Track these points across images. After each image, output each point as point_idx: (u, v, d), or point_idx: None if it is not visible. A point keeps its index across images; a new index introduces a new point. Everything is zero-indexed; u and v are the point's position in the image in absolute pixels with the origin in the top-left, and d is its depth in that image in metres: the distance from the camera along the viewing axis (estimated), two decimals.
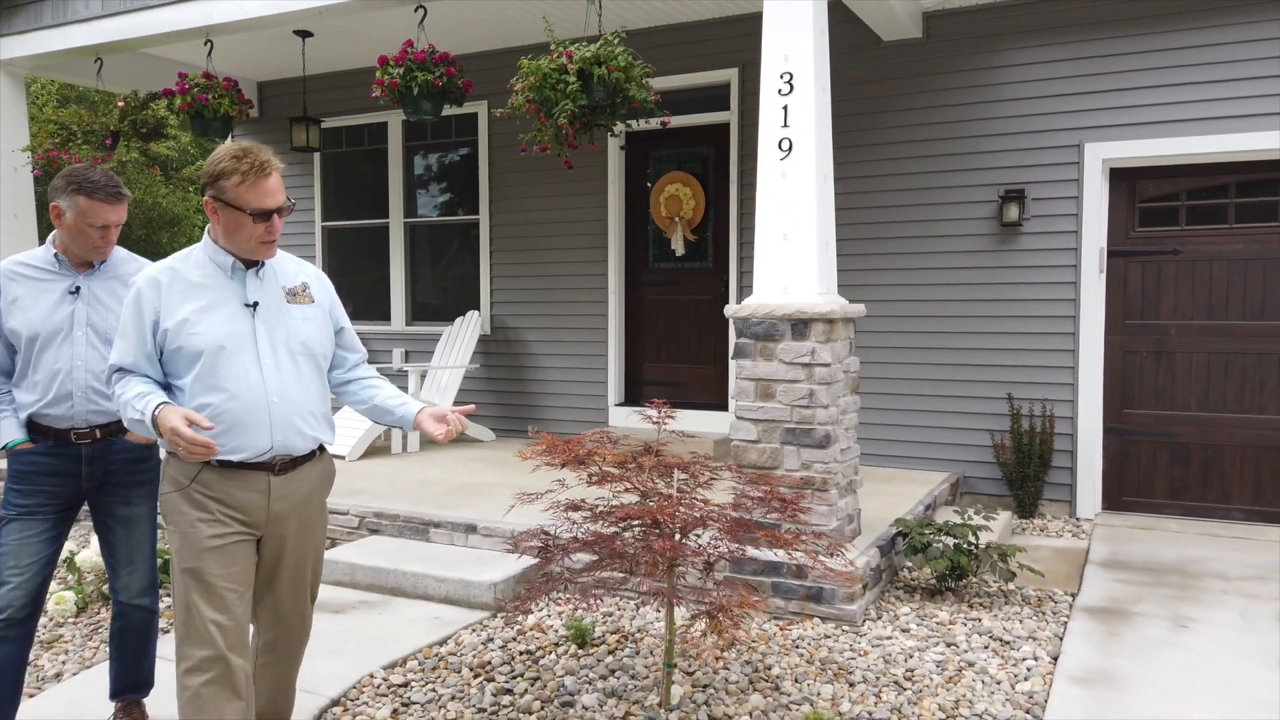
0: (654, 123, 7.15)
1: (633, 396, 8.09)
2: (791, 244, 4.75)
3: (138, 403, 2.55)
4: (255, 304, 2.68)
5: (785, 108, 4.75)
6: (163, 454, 2.74)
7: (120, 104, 6.96)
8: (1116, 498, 6.56)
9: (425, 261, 8.93)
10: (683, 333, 7.86)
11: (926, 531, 4.87)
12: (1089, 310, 6.40)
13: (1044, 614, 4.70)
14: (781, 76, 4.76)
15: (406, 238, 8.93)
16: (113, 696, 3.45)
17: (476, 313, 8.25)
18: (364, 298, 9.13)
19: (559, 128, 5.25)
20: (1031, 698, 3.75)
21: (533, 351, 8.32)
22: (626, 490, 3.65)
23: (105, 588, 4.88)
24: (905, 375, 6.88)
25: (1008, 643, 4.32)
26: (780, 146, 4.77)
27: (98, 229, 3.09)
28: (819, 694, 3.74)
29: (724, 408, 7.58)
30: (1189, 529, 6.21)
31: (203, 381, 2.59)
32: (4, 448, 3.11)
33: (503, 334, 8.43)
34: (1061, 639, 4.37)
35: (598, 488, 3.79)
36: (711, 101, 7.55)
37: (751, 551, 4.64)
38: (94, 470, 3.19)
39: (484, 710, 3.62)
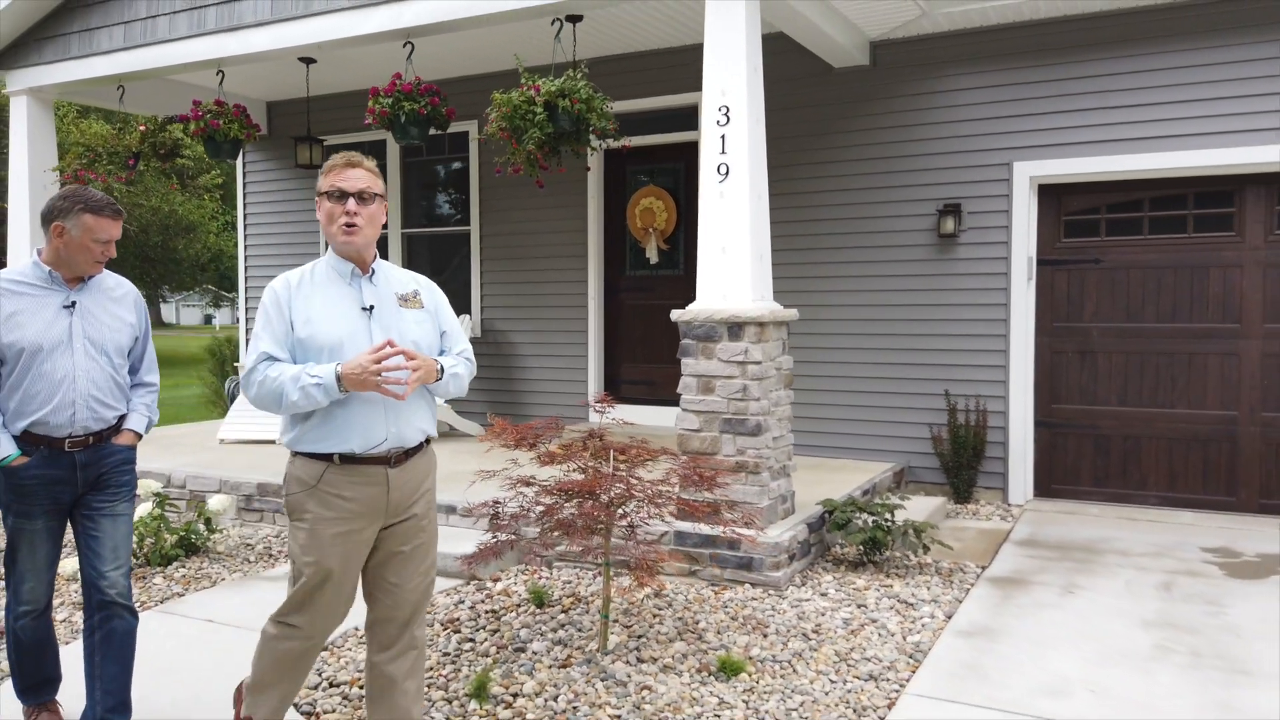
0: (638, 137, 7.84)
1: (612, 394, 8.72)
2: (729, 256, 5.39)
3: (311, 371, 2.80)
4: (371, 307, 2.99)
5: (723, 137, 5.40)
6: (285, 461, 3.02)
7: (141, 128, 7.65)
8: (1047, 485, 7.17)
9: (422, 269, 9.59)
10: (657, 335, 8.50)
11: (848, 510, 5.50)
12: (1019, 314, 7.01)
13: (952, 583, 5.32)
14: (719, 109, 5.41)
15: (404, 247, 9.61)
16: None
17: (467, 316, 8.92)
18: None
19: (529, 152, 5.91)
20: (918, 646, 4.38)
21: (520, 353, 8.98)
22: (574, 470, 4.31)
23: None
24: (854, 374, 7.51)
25: (911, 605, 4.95)
26: (719, 171, 5.41)
27: (101, 244, 3.27)
28: (735, 642, 4.38)
29: None
30: (1108, 513, 6.82)
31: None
32: (3, 462, 3.20)
33: (492, 336, 9.10)
34: (961, 602, 4.99)
35: (549, 467, 4.45)
36: (682, 121, 8.20)
37: (685, 526, 5.28)
38: (88, 475, 3.32)
39: (449, 654, 4.27)
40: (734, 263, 5.38)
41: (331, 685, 3.97)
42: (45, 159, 8.28)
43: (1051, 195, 7.04)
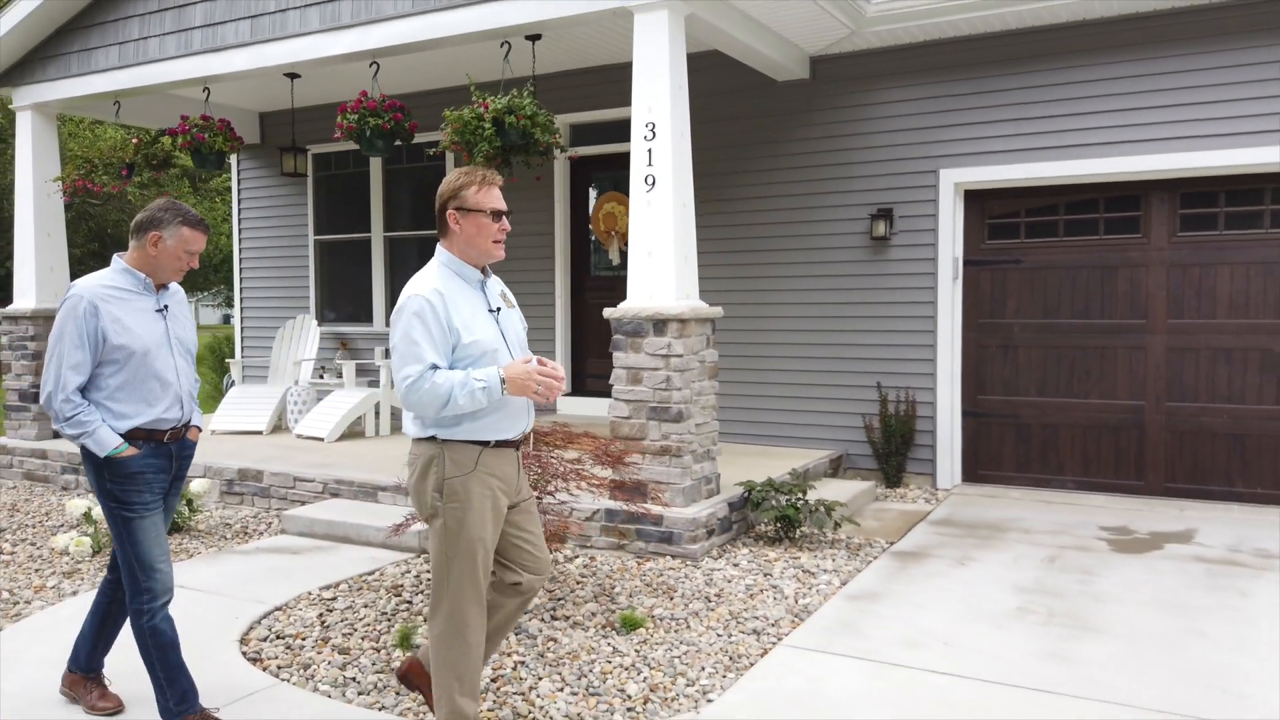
0: (595, 149, 8.41)
1: (578, 388, 9.29)
2: (655, 259, 5.93)
3: (476, 376, 3.04)
4: (499, 309, 3.27)
5: (649, 150, 5.94)
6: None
7: (134, 141, 8.24)
8: (974, 471, 7.67)
9: (403, 270, 10.18)
10: None
11: (765, 491, 6.03)
12: (946, 311, 7.51)
13: (858, 556, 5.84)
14: (646, 125, 5.94)
15: (386, 249, 10.19)
16: (90, 671, 3.78)
17: None
18: (350, 302, 10.41)
19: (479, 164, 6.45)
20: (805, 608, 4.91)
21: None
22: None
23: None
24: (795, 367, 8.03)
25: (812, 574, 5.47)
26: (646, 181, 5.95)
27: (190, 255, 3.52)
28: (642, 604, 4.92)
29: None
30: (1028, 496, 7.31)
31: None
32: (114, 453, 3.38)
33: None
34: (860, 572, 5.51)
35: None
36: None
37: (614, 504, 5.82)
38: (180, 466, 3.61)
39: (386, 613, 4.83)
40: (659, 265, 5.91)
41: (278, 638, 4.54)
42: (48, 169, 8.89)
43: (976, 200, 7.53)
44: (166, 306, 3.56)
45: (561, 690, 3.94)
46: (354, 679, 4.07)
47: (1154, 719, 3.61)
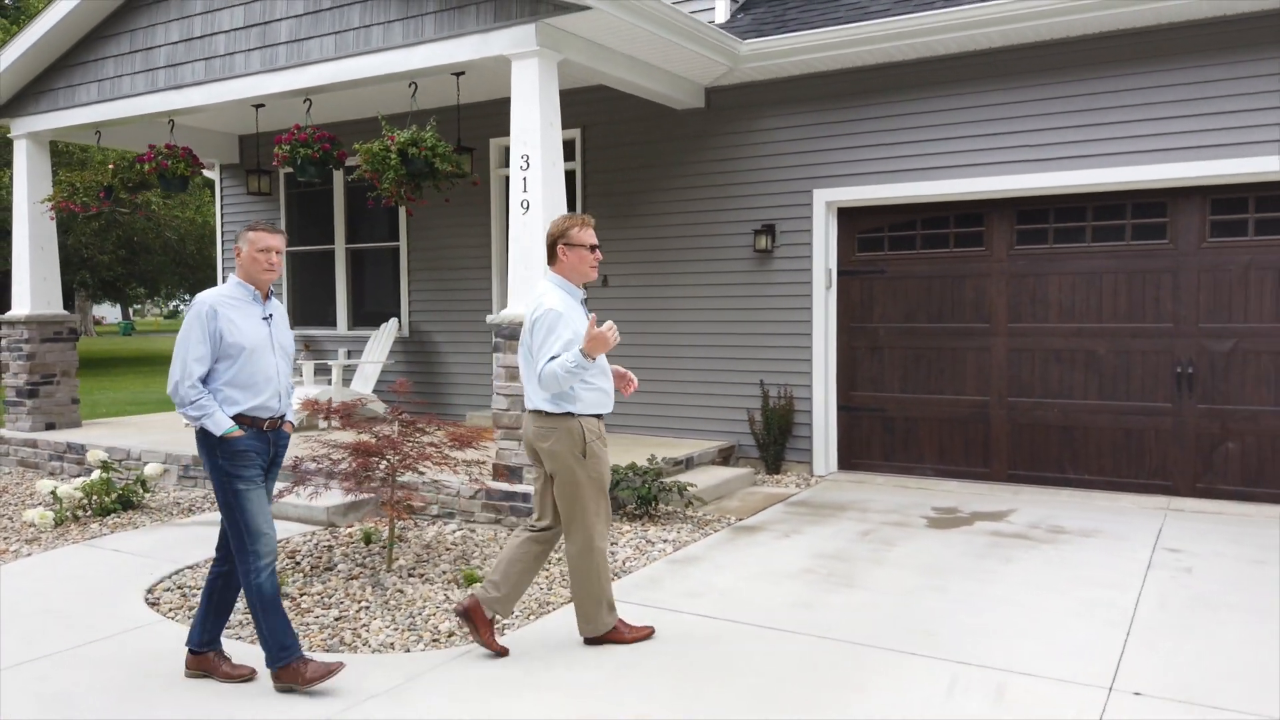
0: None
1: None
2: (530, 272, 6.86)
3: (570, 356, 4.15)
4: (592, 318, 4.34)
5: (525, 179, 6.87)
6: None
7: (110, 166, 9.32)
8: (848, 460, 8.53)
9: (362, 279, 11.20)
10: None
11: (626, 473, 6.94)
12: (820, 316, 8.37)
13: (702, 530, 6.73)
14: (522, 157, 6.88)
15: (347, 260, 11.21)
16: (204, 646, 4.21)
17: (396, 320, 10.48)
18: (317, 308, 11.44)
19: (389, 189, 7.43)
20: (628, 569, 5.81)
21: (440, 350, 10.53)
22: (368, 436, 5.82)
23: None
24: (691, 366, 8.92)
25: (652, 543, 6.37)
26: (522, 205, 6.88)
27: (265, 252, 4.10)
28: (489, 564, 5.85)
29: None
30: (890, 482, 8.15)
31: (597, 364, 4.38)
32: (226, 434, 3.99)
33: (418, 336, 10.66)
34: (695, 542, 6.40)
35: (363, 435, 5.96)
36: (564, 152, 9.63)
37: (494, 485, 6.77)
38: (276, 451, 4.19)
39: (281, 570, 5.80)
40: (533, 277, 6.84)
41: (178, 588, 5.54)
42: (40, 191, 10.00)
43: (848, 217, 8.38)
44: (271, 315, 4.20)
45: (386, 626, 4.89)
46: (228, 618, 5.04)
47: (845, 648, 4.48)
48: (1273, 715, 3.76)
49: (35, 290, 10.02)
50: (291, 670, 4.02)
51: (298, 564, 5.95)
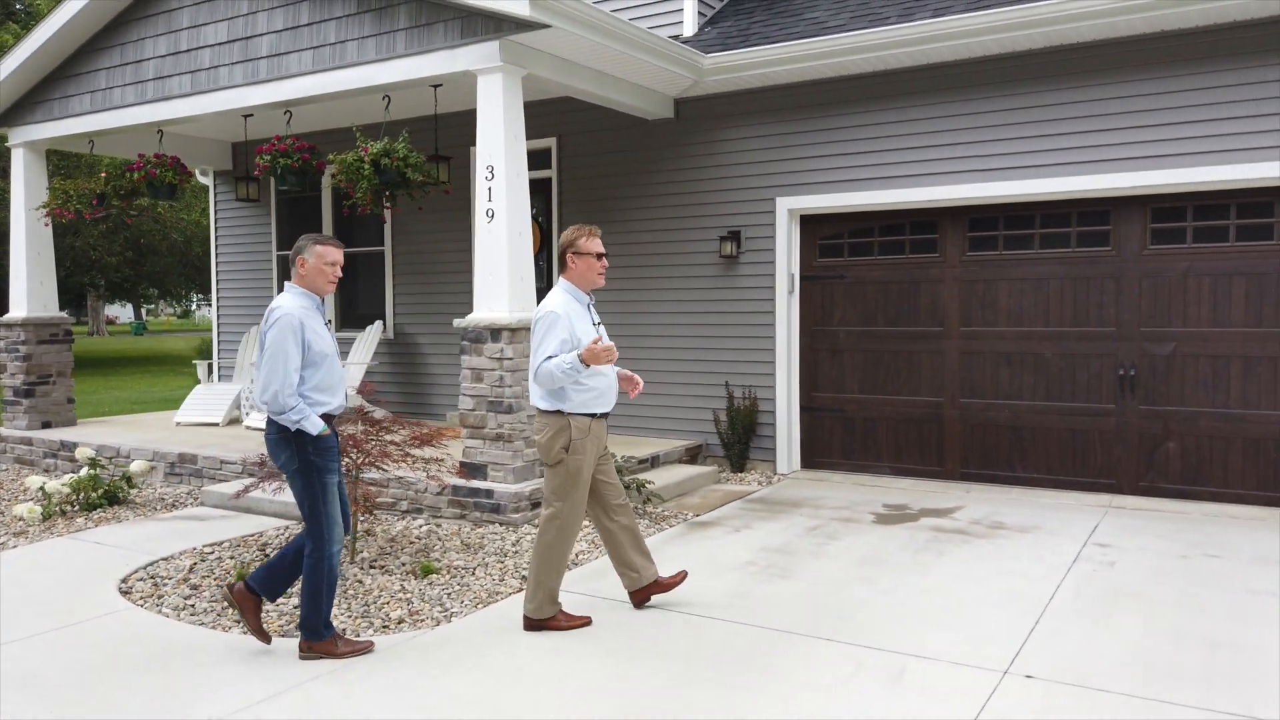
0: None
1: None
2: (493, 278, 7.17)
3: (566, 357, 4.52)
4: (599, 323, 4.86)
5: (489, 189, 7.18)
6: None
7: (103, 174, 9.66)
8: (810, 458, 8.81)
9: (350, 283, 11.52)
10: None
11: None
12: (783, 320, 8.66)
13: (658, 525, 7.02)
14: (487, 168, 7.18)
15: None
16: (273, 597, 4.66)
17: (380, 323, 10.80)
18: None
19: (363, 198, 7.74)
20: (579, 562, 6.11)
21: (423, 351, 10.85)
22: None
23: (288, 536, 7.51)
24: (660, 368, 9.22)
25: None
26: (487, 214, 7.19)
27: (331, 265, 4.46)
28: (449, 558, 6.16)
29: None
30: (848, 480, 8.43)
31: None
32: (321, 431, 4.38)
33: (402, 338, 10.98)
34: (649, 537, 6.69)
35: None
36: (540, 161, 9.98)
37: (458, 481, 7.08)
38: (341, 444, 5.18)
39: (245, 562, 6.13)
40: (496, 283, 7.15)
41: (151, 578, 5.86)
42: (37, 199, 10.36)
43: (810, 224, 8.67)
44: (330, 322, 4.60)
45: (342, 613, 5.20)
46: (192, 605, 5.37)
47: (766, 634, 4.77)
48: (1151, 695, 4.04)
49: (32, 293, 10.38)
50: (328, 644, 4.50)
51: (267, 555, 6.27)
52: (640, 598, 5.13)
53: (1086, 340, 7.64)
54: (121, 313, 75.77)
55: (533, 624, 4.87)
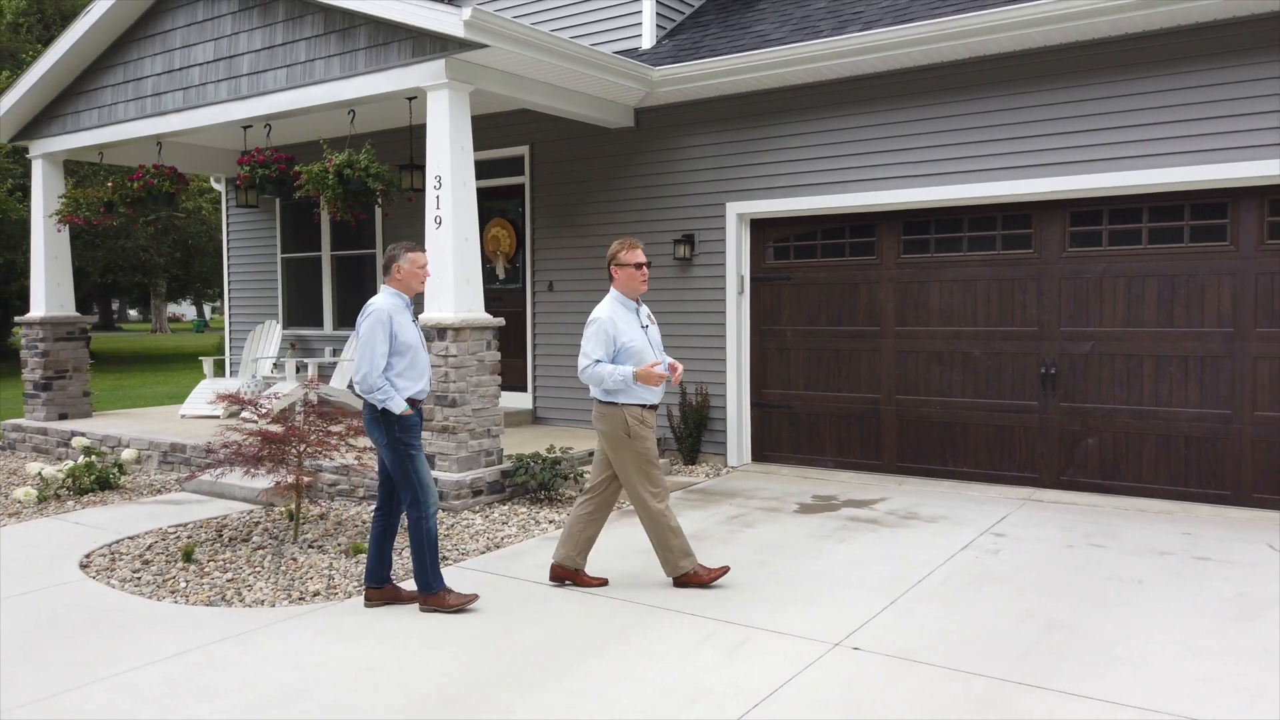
0: (483, 182, 10.17)
1: None
2: (441, 281, 7.68)
3: (620, 370, 5.19)
4: (646, 326, 5.45)
5: (438, 197, 7.69)
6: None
7: (109, 184, 10.38)
8: (760, 452, 9.21)
9: (346, 283, 12.16)
10: (504, 335, 10.80)
11: (527, 460, 7.72)
12: (734, 319, 9.06)
13: None
14: (436, 178, 7.70)
15: (333, 266, 12.18)
16: (384, 581, 5.34)
17: None
18: (308, 309, 12.44)
19: (332, 204, 8.32)
20: (502, 543, 6.60)
21: None
22: (277, 426, 6.70)
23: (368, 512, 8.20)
24: None
25: (537, 522, 7.15)
26: (435, 220, 7.71)
27: (423, 269, 5.26)
28: None
29: (525, 389, 10.52)
30: (794, 473, 8.82)
31: (635, 363, 5.32)
32: (404, 410, 5.08)
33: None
34: None
35: (276, 425, 6.85)
36: (515, 167, 10.50)
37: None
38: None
39: (204, 541, 6.72)
40: (443, 286, 7.67)
41: (111, 554, 6.47)
42: (54, 207, 11.13)
43: (759, 227, 9.06)
44: (417, 319, 5.28)
45: (268, 586, 5.75)
46: (138, 577, 5.96)
47: (636, 609, 5.21)
48: (960, 668, 4.40)
49: (50, 294, 11.15)
50: (439, 597, 5.18)
51: (220, 535, 6.87)
52: (567, 577, 5.67)
53: (1011, 339, 7.94)
54: (189, 311, 78.00)
55: (680, 581, 5.57)
